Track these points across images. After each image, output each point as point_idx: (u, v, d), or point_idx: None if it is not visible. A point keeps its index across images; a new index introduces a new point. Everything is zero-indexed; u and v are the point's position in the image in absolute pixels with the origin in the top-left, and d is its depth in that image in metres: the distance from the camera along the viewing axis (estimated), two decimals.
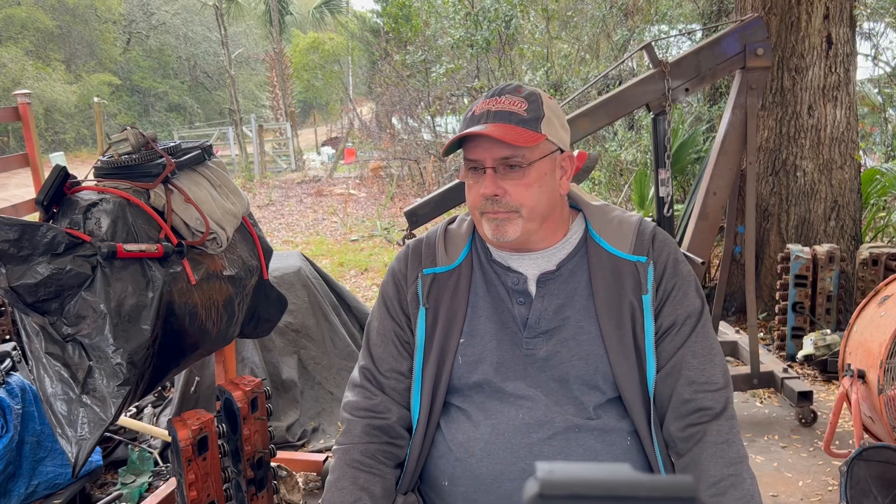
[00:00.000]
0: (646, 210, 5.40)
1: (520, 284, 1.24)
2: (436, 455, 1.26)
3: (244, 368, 3.10)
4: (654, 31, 7.61)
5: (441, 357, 1.23)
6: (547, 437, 1.17)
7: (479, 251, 1.30)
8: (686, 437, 1.19)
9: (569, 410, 1.18)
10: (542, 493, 0.34)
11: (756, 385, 3.20)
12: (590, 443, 1.17)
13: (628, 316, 1.20)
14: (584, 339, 1.20)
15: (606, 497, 0.34)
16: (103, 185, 1.87)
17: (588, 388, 1.19)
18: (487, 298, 1.25)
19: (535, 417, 1.18)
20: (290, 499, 2.57)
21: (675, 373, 1.20)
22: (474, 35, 8.82)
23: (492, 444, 1.18)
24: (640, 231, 1.25)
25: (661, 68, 2.86)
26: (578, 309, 1.21)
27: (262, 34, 27.93)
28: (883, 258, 3.81)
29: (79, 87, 24.63)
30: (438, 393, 1.24)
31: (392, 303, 1.31)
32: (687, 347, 1.21)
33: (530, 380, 1.20)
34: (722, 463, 1.15)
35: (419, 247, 1.32)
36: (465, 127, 1.20)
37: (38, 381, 1.69)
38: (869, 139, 6.82)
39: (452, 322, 1.24)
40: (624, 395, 1.19)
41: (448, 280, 1.27)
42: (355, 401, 1.29)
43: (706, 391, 1.19)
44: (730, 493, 1.14)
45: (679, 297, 1.22)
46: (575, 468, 0.35)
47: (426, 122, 11.43)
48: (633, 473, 0.34)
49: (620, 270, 1.22)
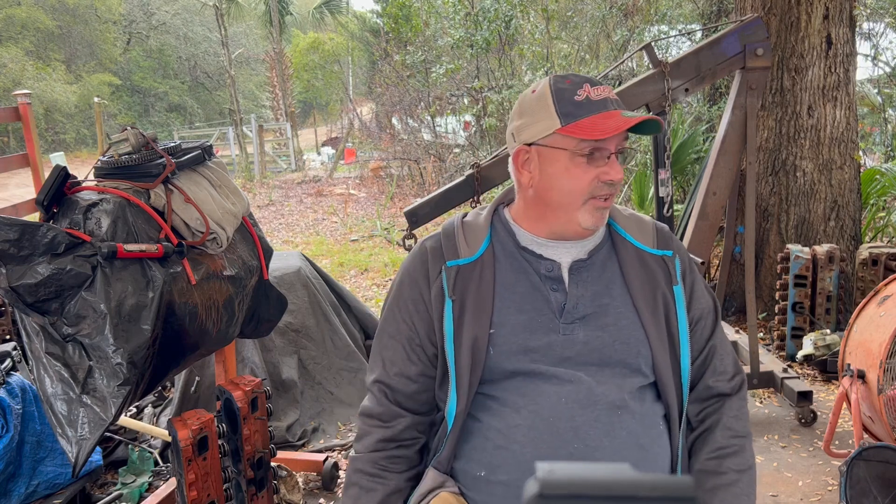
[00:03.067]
0: (646, 210, 5.40)
1: (553, 271, 1.25)
2: (469, 447, 1.24)
3: (244, 368, 3.10)
4: (654, 31, 7.61)
5: (474, 348, 1.22)
6: (593, 418, 1.17)
7: (501, 240, 1.29)
8: (702, 418, 1.30)
9: (611, 390, 1.19)
10: (543, 493, 0.34)
11: (756, 385, 3.20)
12: (631, 425, 1.19)
13: (662, 305, 1.25)
14: (625, 324, 1.23)
15: (606, 497, 0.34)
16: (103, 185, 1.87)
17: (630, 372, 1.22)
18: (517, 286, 1.25)
19: (577, 399, 1.18)
20: (290, 499, 2.57)
21: (706, 362, 1.30)
22: (474, 35, 8.82)
23: (535, 428, 1.18)
24: (658, 229, 1.34)
25: (661, 68, 2.86)
26: (615, 297, 1.25)
27: (262, 34, 27.90)
28: (883, 258, 3.81)
29: (79, 88, 24.63)
30: (473, 384, 1.23)
31: (405, 305, 1.29)
32: (714, 339, 1.31)
33: (569, 363, 1.21)
34: (729, 434, 1.26)
35: (437, 243, 1.31)
36: (587, 112, 1.18)
37: (39, 381, 1.69)
38: (869, 139, 6.82)
39: (481, 312, 1.23)
40: (660, 381, 1.24)
41: (472, 271, 1.26)
42: (368, 406, 1.31)
43: (724, 380, 1.30)
44: (730, 458, 1.24)
45: (699, 293, 1.32)
46: (575, 468, 0.35)
47: (426, 122, 11.43)
48: (633, 473, 0.35)
49: (649, 263, 1.28)
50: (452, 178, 8.49)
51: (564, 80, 1.22)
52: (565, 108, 1.19)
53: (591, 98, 1.19)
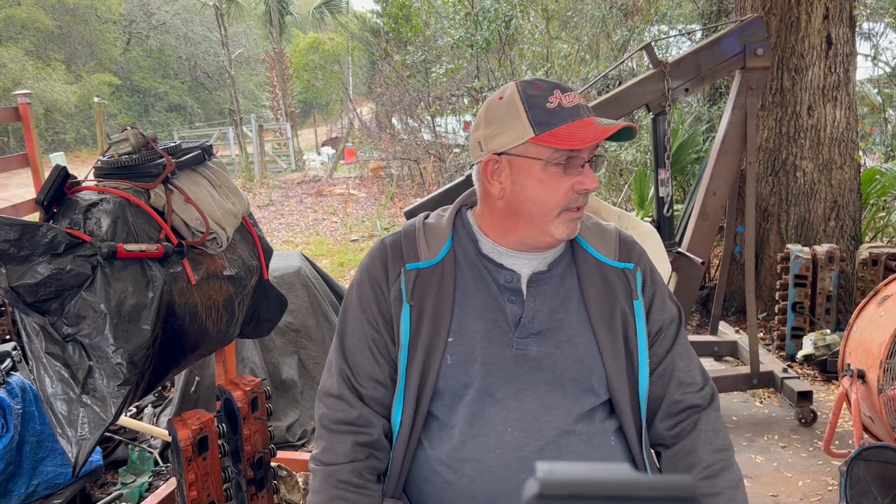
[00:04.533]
0: (646, 210, 5.40)
1: (513, 282, 1.21)
2: (420, 478, 1.21)
3: (244, 368, 3.10)
4: (654, 31, 7.61)
5: (428, 356, 1.18)
6: (538, 449, 1.15)
7: (463, 245, 1.25)
8: (676, 433, 1.26)
9: (558, 414, 1.17)
10: (542, 493, 0.34)
11: (756, 385, 3.20)
12: (579, 448, 1.17)
13: (620, 321, 1.22)
14: (579, 341, 1.20)
15: (606, 497, 0.34)
16: (103, 185, 1.87)
17: (582, 391, 1.19)
18: (476, 295, 1.21)
19: (524, 427, 1.16)
20: (290, 499, 2.57)
21: (667, 374, 1.26)
22: (474, 35, 8.82)
23: (482, 461, 1.15)
24: (622, 239, 1.29)
25: (661, 68, 2.86)
26: (571, 312, 1.21)
27: (262, 34, 27.91)
28: (883, 258, 3.81)
29: (79, 87, 24.63)
30: (424, 395, 1.19)
31: (369, 305, 1.23)
32: (675, 351, 1.27)
33: (521, 382, 1.17)
34: (712, 449, 1.23)
35: (397, 242, 1.26)
36: (560, 120, 1.14)
37: (38, 381, 1.69)
38: (869, 139, 6.81)
39: (440, 319, 1.19)
40: (614, 398, 1.21)
41: (432, 275, 1.21)
42: (333, 414, 1.22)
43: (692, 391, 1.26)
44: (721, 475, 1.21)
45: (660, 304, 1.28)
46: (575, 468, 0.35)
47: (426, 122, 11.42)
48: (632, 473, 0.35)
49: (609, 277, 1.24)
50: (452, 178, 8.49)
51: (533, 87, 1.16)
52: (538, 116, 1.14)
53: (563, 105, 1.14)
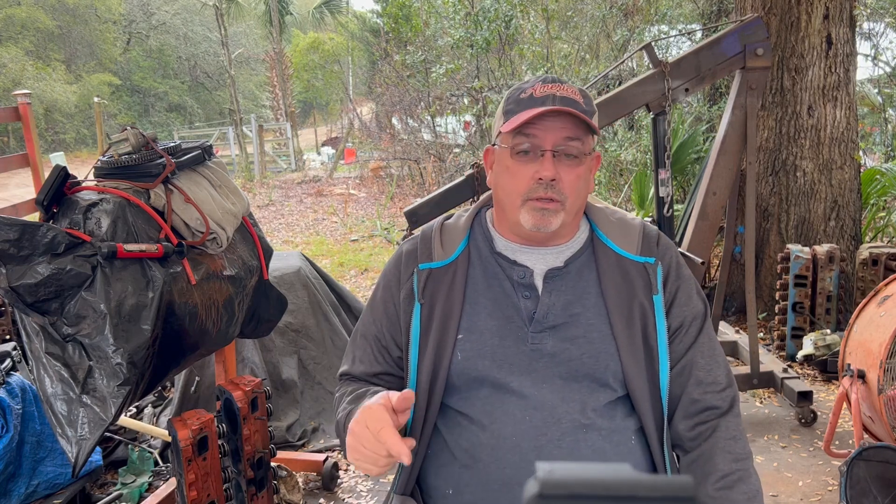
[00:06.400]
0: (646, 210, 5.40)
1: (526, 278, 1.21)
2: (437, 464, 1.22)
3: (244, 368, 3.10)
4: (654, 31, 7.61)
5: (438, 353, 1.20)
6: (556, 439, 1.15)
7: (478, 244, 1.27)
8: (694, 436, 1.22)
9: (575, 408, 1.16)
10: (542, 493, 0.34)
11: (756, 385, 3.20)
12: (597, 443, 1.16)
13: (639, 316, 1.20)
14: (595, 336, 1.19)
15: (606, 497, 0.34)
16: (103, 185, 1.87)
17: (598, 386, 1.18)
18: (488, 292, 1.22)
19: (541, 418, 1.16)
20: (290, 499, 2.57)
21: (685, 373, 1.23)
22: (474, 35, 8.82)
23: (499, 448, 1.15)
24: (645, 233, 1.27)
25: (661, 68, 2.86)
26: (588, 307, 1.21)
27: (262, 34, 27.90)
28: (883, 258, 3.81)
29: (79, 87, 24.63)
30: (435, 390, 1.21)
31: (378, 307, 1.30)
32: (695, 348, 1.24)
33: (536, 375, 1.17)
34: (730, 458, 1.19)
35: (414, 245, 1.30)
36: (523, 108, 1.15)
37: (38, 381, 1.69)
38: (869, 139, 6.82)
39: (449, 317, 1.21)
40: (633, 394, 1.19)
41: (444, 275, 1.24)
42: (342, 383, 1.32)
43: (713, 391, 1.22)
44: (738, 486, 1.17)
45: (684, 299, 1.25)
46: (575, 468, 0.35)
47: (426, 122, 11.42)
48: (632, 473, 0.34)
49: (629, 271, 1.23)
50: (452, 178, 8.50)
51: (527, 81, 1.20)
52: (508, 105, 1.18)
53: (534, 95, 1.16)
